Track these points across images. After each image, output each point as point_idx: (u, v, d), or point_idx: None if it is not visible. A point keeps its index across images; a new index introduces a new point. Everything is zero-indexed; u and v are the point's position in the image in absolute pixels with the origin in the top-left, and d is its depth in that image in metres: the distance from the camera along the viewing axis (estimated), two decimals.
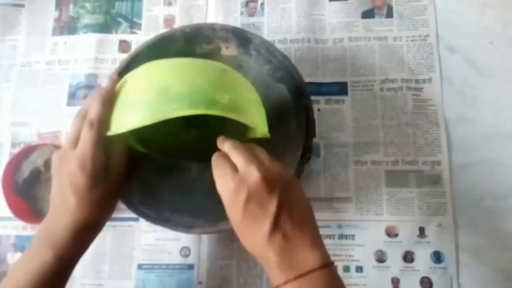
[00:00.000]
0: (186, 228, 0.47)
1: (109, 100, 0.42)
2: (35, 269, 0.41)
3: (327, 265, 0.36)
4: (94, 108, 0.42)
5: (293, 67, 0.50)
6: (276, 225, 0.36)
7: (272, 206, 0.36)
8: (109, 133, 0.41)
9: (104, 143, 0.43)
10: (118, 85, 0.43)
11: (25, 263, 0.42)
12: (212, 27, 0.50)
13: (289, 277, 0.35)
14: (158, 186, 0.53)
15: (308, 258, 0.36)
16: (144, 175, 0.52)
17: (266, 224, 0.36)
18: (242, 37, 0.51)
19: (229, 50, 0.52)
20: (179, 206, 0.50)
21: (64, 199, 0.42)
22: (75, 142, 0.43)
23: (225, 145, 0.41)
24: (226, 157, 0.40)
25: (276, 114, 0.53)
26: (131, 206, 0.47)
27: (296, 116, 0.49)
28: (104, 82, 0.45)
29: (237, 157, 0.39)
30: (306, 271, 0.35)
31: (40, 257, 0.42)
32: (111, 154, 0.45)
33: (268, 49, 0.50)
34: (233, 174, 0.38)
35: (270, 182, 0.37)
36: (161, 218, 0.47)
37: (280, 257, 0.35)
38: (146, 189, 0.50)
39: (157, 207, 0.49)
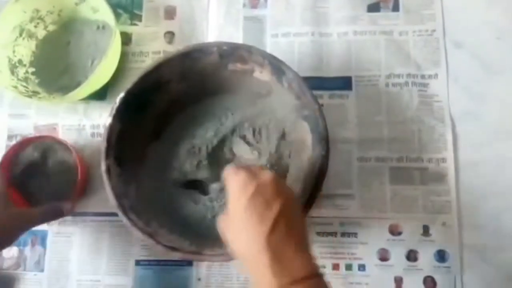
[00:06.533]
0: (168, 248, 0.45)
1: None
2: None
3: (320, 276, 0.36)
4: None
5: (319, 111, 0.48)
6: (276, 226, 0.36)
7: (276, 206, 0.36)
8: None
9: None
10: None
11: None
12: (249, 50, 0.50)
13: (283, 281, 0.34)
14: (153, 196, 0.52)
15: (302, 266, 0.35)
16: (142, 181, 0.52)
17: (268, 222, 0.36)
18: (276, 67, 0.49)
19: (263, 74, 0.51)
20: (169, 222, 0.50)
21: None
22: None
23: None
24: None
25: (294, 149, 0.52)
26: (121, 208, 0.46)
27: (312, 156, 0.48)
28: None
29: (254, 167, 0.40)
30: (301, 277, 0.34)
31: None
32: None
33: (300, 85, 0.49)
34: (247, 170, 0.39)
35: (279, 185, 0.38)
36: (147, 230, 0.46)
37: (275, 260, 0.35)
38: (139, 196, 0.50)
39: (147, 217, 0.48)
